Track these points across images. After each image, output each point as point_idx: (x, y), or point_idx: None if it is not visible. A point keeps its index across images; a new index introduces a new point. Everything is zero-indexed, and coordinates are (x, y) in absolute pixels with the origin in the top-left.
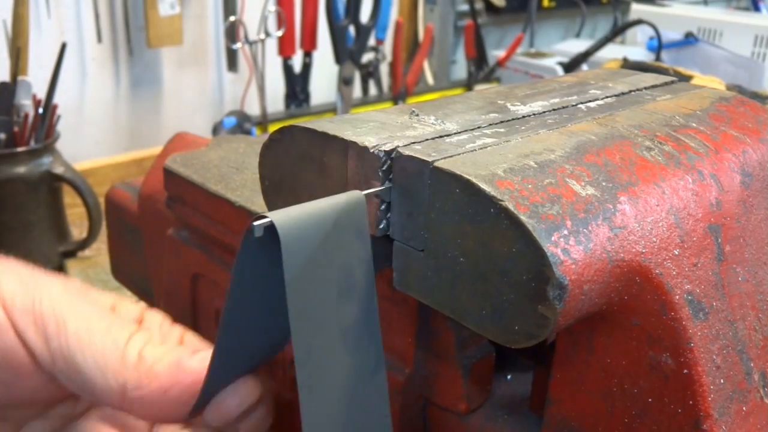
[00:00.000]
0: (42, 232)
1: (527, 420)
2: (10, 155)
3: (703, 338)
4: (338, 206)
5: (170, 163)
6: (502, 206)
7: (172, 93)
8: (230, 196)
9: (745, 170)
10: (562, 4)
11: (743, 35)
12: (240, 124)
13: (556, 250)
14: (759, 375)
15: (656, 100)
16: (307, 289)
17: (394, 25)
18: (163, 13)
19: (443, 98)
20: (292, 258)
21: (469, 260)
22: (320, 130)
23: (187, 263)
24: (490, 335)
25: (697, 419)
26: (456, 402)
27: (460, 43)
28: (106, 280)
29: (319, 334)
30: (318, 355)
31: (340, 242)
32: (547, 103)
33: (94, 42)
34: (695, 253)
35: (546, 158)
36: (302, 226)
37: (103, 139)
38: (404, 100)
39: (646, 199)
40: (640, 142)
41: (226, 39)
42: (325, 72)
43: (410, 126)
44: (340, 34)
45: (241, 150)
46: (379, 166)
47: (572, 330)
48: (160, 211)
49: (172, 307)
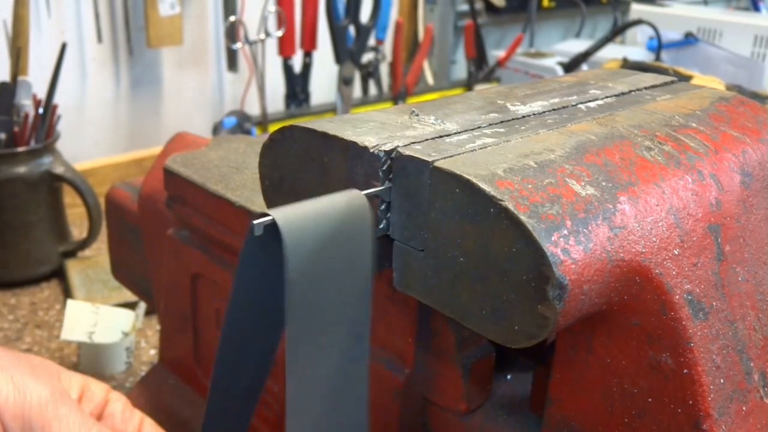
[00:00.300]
0: (42, 232)
1: (527, 420)
2: (10, 155)
3: (703, 338)
4: (339, 205)
5: (170, 163)
6: (502, 206)
7: (172, 93)
8: (230, 196)
9: (745, 170)
10: (562, 4)
11: (743, 35)
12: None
13: (556, 250)
14: (759, 375)
15: (656, 100)
16: (305, 285)
17: (394, 25)
18: (163, 13)
19: (443, 98)
20: (294, 254)
21: (469, 260)
22: (320, 130)
23: (187, 263)
24: (490, 335)
25: (697, 419)
26: (456, 402)
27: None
28: (106, 280)
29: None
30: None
31: (341, 241)
32: (547, 103)
33: (94, 42)
34: (695, 253)
35: (546, 158)
36: (304, 224)
37: (103, 139)
38: (404, 100)
39: (646, 199)
40: (640, 142)
41: (226, 39)
42: (325, 72)
43: (410, 126)
44: (340, 34)
45: (241, 150)
46: (379, 166)
47: (572, 330)
48: (160, 211)
49: (172, 307)
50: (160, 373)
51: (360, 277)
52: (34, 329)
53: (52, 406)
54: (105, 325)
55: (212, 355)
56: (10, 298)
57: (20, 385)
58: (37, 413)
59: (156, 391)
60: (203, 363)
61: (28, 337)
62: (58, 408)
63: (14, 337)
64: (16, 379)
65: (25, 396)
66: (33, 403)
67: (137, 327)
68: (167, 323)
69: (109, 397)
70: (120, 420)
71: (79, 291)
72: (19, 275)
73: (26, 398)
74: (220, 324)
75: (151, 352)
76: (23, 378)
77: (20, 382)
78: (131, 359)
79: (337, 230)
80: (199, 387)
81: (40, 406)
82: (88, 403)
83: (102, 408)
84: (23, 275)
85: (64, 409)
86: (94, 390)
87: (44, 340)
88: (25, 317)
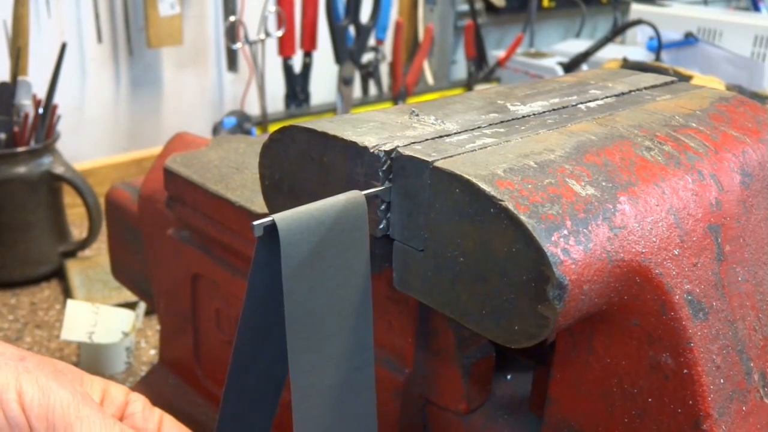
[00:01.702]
0: (42, 232)
1: (527, 420)
2: (10, 155)
3: (703, 338)
4: (338, 206)
5: (170, 163)
6: (502, 206)
7: (172, 93)
8: (230, 196)
9: (745, 170)
10: (562, 4)
11: (743, 35)
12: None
13: (556, 250)
14: (759, 375)
15: (656, 100)
16: (303, 287)
17: (394, 25)
18: (163, 13)
19: (443, 98)
20: (290, 257)
21: (469, 260)
22: (320, 130)
23: (187, 263)
24: (490, 335)
25: (697, 419)
26: (456, 402)
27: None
28: (106, 280)
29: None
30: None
31: (339, 242)
32: (547, 103)
33: (94, 42)
34: (695, 253)
35: (546, 158)
36: (302, 227)
37: (103, 139)
38: (404, 100)
39: (646, 199)
40: (640, 142)
41: (226, 39)
42: (325, 72)
43: (410, 126)
44: (340, 34)
45: (241, 150)
46: (379, 166)
47: (572, 330)
48: (160, 211)
49: (172, 307)
50: (160, 373)
51: (359, 280)
52: (34, 329)
53: (75, 407)
54: (105, 325)
55: (212, 356)
56: (10, 298)
57: (44, 387)
58: (60, 415)
59: (156, 391)
60: (203, 363)
61: (28, 337)
62: (81, 409)
63: (14, 338)
64: (40, 381)
65: (49, 398)
66: (56, 405)
67: (137, 327)
68: (167, 323)
69: (129, 398)
70: (141, 418)
71: (79, 291)
72: (19, 275)
73: (50, 400)
74: (220, 324)
75: (151, 352)
76: (47, 381)
77: (44, 384)
78: (131, 359)
79: (334, 232)
80: (200, 387)
81: (63, 408)
82: (109, 405)
83: (123, 409)
84: (23, 275)
85: (86, 410)
86: (114, 393)
87: (44, 340)
88: (25, 317)
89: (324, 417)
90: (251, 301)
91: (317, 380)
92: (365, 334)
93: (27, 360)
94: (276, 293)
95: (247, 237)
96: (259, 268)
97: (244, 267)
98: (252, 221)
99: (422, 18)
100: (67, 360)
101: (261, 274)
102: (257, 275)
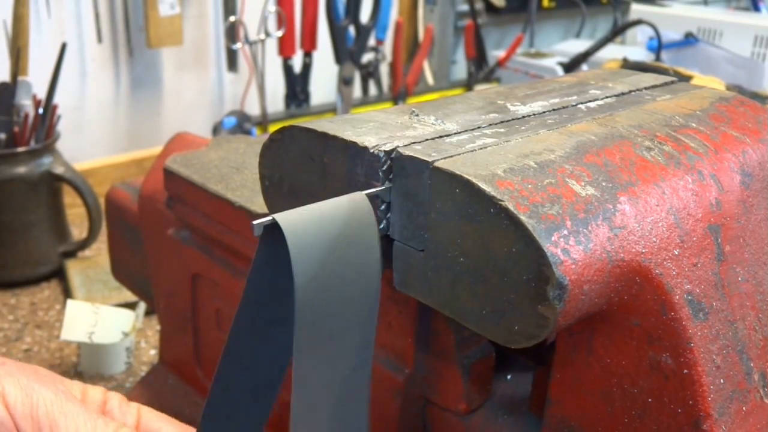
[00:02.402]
0: (42, 232)
1: (527, 420)
2: (10, 155)
3: (703, 338)
4: (342, 208)
5: (170, 163)
6: (502, 206)
7: (172, 93)
8: (230, 196)
9: (745, 170)
10: (562, 4)
11: (743, 35)
12: (240, 124)
13: (556, 250)
14: (759, 375)
15: (656, 100)
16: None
17: (394, 25)
18: (163, 13)
19: (443, 98)
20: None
21: (469, 260)
22: (320, 130)
23: (187, 263)
24: (490, 335)
25: (697, 419)
26: (456, 402)
27: (460, 43)
28: (106, 280)
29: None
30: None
31: (347, 244)
32: (547, 103)
33: (94, 42)
34: (695, 253)
35: (546, 158)
36: (309, 226)
37: (103, 139)
38: (404, 100)
39: (646, 199)
40: (640, 142)
41: (226, 39)
42: (325, 72)
43: (410, 126)
44: (340, 34)
45: (241, 150)
46: (379, 166)
47: (572, 330)
48: (160, 211)
49: (172, 307)
50: (160, 373)
51: (368, 282)
52: (34, 329)
53: (58, 405)
54: (105, 325)
55: (212, 356)
56: (10, 298)
57: (26, 387)
58: (45, 412)
59: (156, 391)
60: (203, 363)
61: (28, 337)
62: (64, 405)
63: (14, 338)
64: (22, 382)
65: (32, 397)
66: (40, 403)
67: (137, 327)
68: (167, 323)
69: (106, 397)
70: (118, 413)
71: (79, 291)
72: (19, 275)
73: (33, 399)
74: (220, 324)
75: (151, 352)
76: (29, 381)
77: (26, 384)
78: (131, 359)
79: (342, 233)
80: (200, 387)
81: (47, 406)
82: (90, 404)
83: (102, 408)
84: (23, 275)
85: (69, 406)
86: (92, 393)
87: (44, 340)
88: (25, 317)
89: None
90: (248, 299)
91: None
92: (369, 333)
93: (7, 364)
94: (275, 293)
95: (247, 237)
96: (258, 267)
97: (244, 267)
98: (252, 221)
99: (422, 18)
100: (67, 360)
101: (260, 274)
102: (256, 274)
